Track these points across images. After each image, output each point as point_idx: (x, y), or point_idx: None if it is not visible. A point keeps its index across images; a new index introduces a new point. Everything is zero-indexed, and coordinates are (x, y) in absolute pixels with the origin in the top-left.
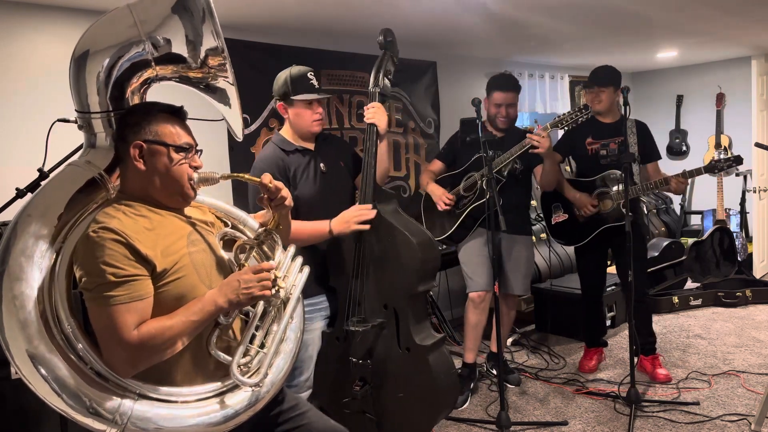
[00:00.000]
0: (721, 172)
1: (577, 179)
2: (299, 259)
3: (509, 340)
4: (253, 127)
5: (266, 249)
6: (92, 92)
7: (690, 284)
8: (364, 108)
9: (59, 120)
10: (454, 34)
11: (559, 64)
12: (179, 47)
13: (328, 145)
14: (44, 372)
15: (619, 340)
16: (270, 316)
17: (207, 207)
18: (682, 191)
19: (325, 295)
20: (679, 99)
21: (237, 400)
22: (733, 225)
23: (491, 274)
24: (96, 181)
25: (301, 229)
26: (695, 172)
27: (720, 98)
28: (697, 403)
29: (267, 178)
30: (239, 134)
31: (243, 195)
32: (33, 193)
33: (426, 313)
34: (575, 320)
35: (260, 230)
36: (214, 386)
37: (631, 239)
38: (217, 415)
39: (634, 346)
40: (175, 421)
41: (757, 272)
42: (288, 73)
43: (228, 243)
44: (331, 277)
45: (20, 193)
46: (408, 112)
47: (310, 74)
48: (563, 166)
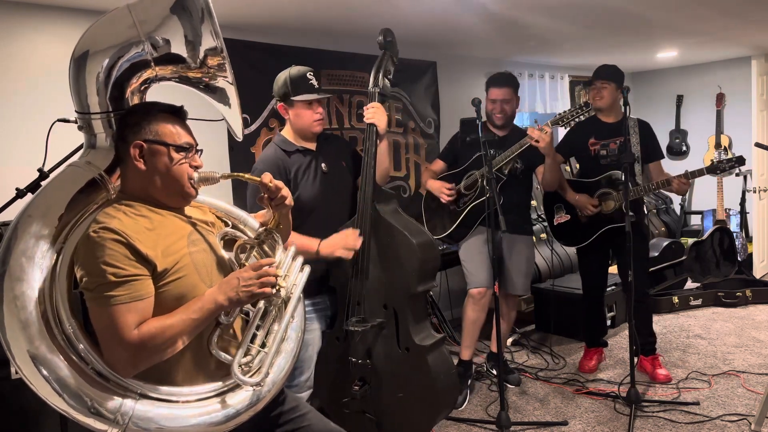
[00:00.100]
0: (723, 173)
1: (579, 180)
2: (300, 259)
3: (509, 340)
4: (253, 127)
5: (267, 248)
6: (92, 93)
7: (690, 284)
8: (364, 108)
9: (59, 120)
10: (454, 34)
11: (559, 64)
12: (178, 47)
13: (330, 145)
14: (45, 372)
15: (619, 340)
16: (271, 316)
17: (207, 207)
18: (684, 192)
19: (326, 295)
20: (679, 99)
21: (238, 399)
22: (733, 225)
23: (491, 271)
24: (96, 181)
25: (290, 241)
26: (697, 172)
27: (720, 98)
28: (697, 403)
29: (267, 177)
30: (239, 134)
31: (243, 195)
32: (33, 194)
33: (426, 313)
34: (575, 320)
35: (261, 230)
36: (215, 386)
37: (632, 239)
38: (219, 415)
39: (634, 346)
40: (177, 421)
41: (757, 272)
42: (287, 74)
43: (228, 243)
44: (331, 277)
45: (20, 194)
46: (408, 112)
47: (310, 74)
48: (563, 167)
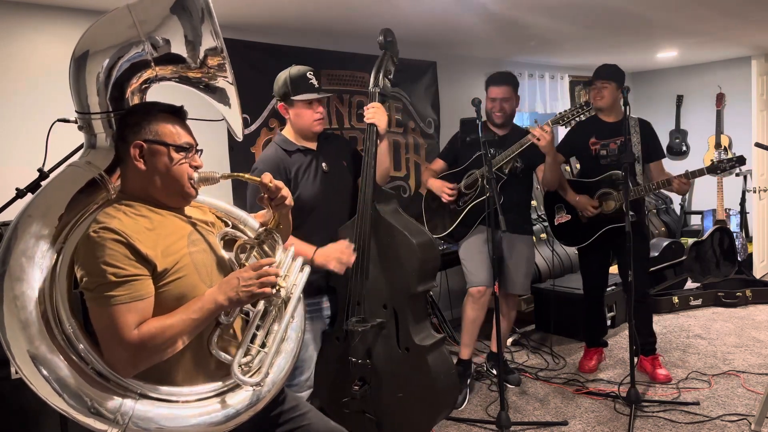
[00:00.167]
0: (723, 173)
1: (580, 180)
2: (300, 259)
3: (509, 340)
4: (253, 127)
5: (267, 248)
6: (92, 93)
7: (690, 284)
8: (364, 108)
9: (59, 120)
10: (454, 34)
11: (559, 64)
12: (178, 47)
13: (330, 144)
14: (45, 372)
15: (619, 340)
16: (271, 316)
17: (207, 207)
18: (684, 191)
19: (326, 295)
20: (679, 99)
21: (238, 399)
22: (733, 225)
23: (491, 270)
24: (96, 181)
25: (288, 243)
26: (698, 172)
27: (720, 98)
28: (697, 403)
29: (267, 177)
30: (239, 134)
31: (243, 195)
32: (33, 194)
33: (426, 313)
34: (575, 320)
35: (261, 230)
36: (215, 386)
37: (631, 239)
38: (219, 415)
39: (634, 346)
40: (177, 421)
41: (757, 272)
42: (287, 74)
43: (229, 243)
44: (331, 277)
45: (20, 194)
46: (408, 112)
47: (310, 74)
48: (563, 167)
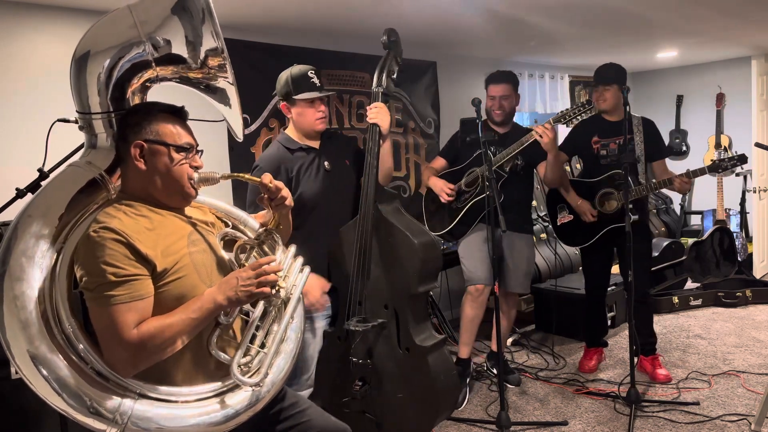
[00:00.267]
0: (723, 172)
1: (581, 180)
2: (300, 259)
3: (509, 340)
4: (253, 127)
5: (267, 249)
6: (93, 93)
7: (690, 284)
8: (367, 108)
9: (59, 120)
10: (454, 34)
11: (559, 64)
12: (179, 48)
13: (333, 143)
14: (45, 372)
15: (619, 340)
16: (270, 316)
17: (207, 207)
18: (686, 191)
19: (327, 295)
20: (679, 99)
21: (237, 399)
22: (733, 225)
23: (490, 268)
24: (97, 181)
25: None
26: (699, 171)
27: (720, 98)
28: (697, 403)
29: (267, 178)
30: (239, 134)
31: (243, 195)
32: (33, 194)
33: (427, 313)
34: (575, 320)
35: (260, 230)
36: (214, 386)
37: (631, 239)
38: (218, 415)
39: (634, 347)
40: (176, 421)
41: (757, 272)
42: (289, 73)
43: (228, 243)
44: (332, 277)
45: (20, 193)
46: (408, 112)
47: (311, 73)
48: (565, 166)
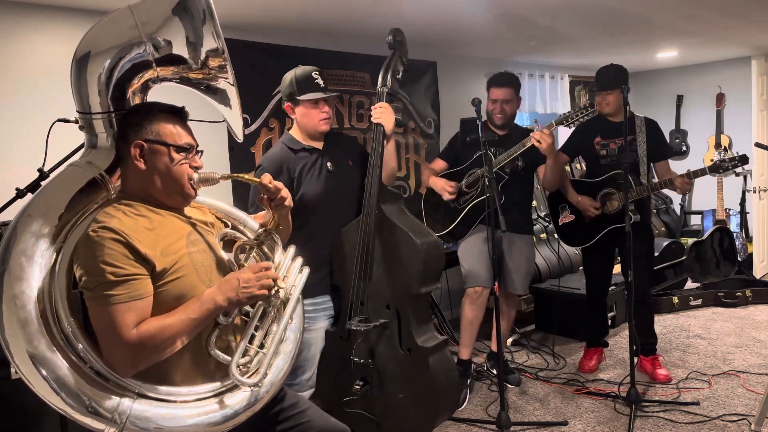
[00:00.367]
0: (725, 172)
1: (583, 180)
2: (299, 260)
3: (509, 340)
4: (253, 127)
5: (266, 249)
6: (93, 93)
7: (690, 284)
8: (372, 108)
9: (59, 120)
10: (454, 34)
11: (559, 64)
12: (180, 48)
13: (337, 144)
14: (44, 372)
15: (619, 340)
16: (270, 317)
17: (207, 207)
18: (686, 191)
19: (329, 295)
20: (679, 99)
21: (236, 400)
22: (733, 225)
23: (490, 270)
24: (97, 181)
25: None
26: (700, 172)
27: (720, 98)
28: (697, 403)
29: (267, 178)
30: (239, 135)
31: (243, 195)
32: (33, 193)
33: (429, 314)
34: (575, 320)
35: (260, 231)
36: (213, 386)
37: (631, 239)
38: (217, 415)
39: (634, 347)
40: (174, 421)
41: (757, 272)
42: (293, 74)
43: (228, 243)
44: (335, 277)
45: (20, 193)
46: (408, 112)
47: (315, 74)
48: (567, 167)
